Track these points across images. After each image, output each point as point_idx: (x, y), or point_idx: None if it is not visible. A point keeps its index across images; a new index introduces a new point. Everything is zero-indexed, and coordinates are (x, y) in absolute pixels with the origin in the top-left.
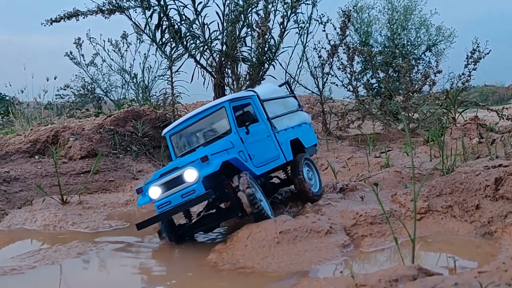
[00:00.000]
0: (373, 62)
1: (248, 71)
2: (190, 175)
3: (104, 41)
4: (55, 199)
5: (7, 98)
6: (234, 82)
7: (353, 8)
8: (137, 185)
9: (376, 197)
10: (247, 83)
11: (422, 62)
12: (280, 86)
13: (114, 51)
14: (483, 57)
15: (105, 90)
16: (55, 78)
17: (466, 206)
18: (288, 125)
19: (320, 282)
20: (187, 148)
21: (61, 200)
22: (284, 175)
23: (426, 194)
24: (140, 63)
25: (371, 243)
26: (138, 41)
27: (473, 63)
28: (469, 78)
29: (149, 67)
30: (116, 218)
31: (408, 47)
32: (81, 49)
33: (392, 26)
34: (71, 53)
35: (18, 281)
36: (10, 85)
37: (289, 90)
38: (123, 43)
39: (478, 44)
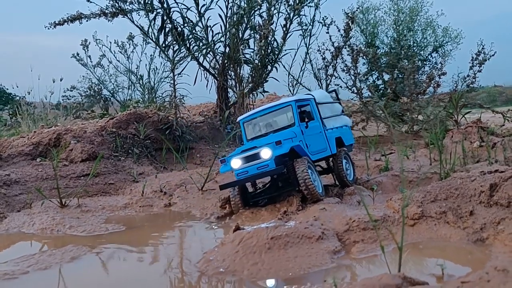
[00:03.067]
0: (378, 63)
1: (251, 73)
2: (266, 153)
3: (110, 42)
4: (54, 202)
5: (16, 97)
6: (237, 84)
7: (358, 9)
8: (137, 187)
9: (363, 204)
10: (250, 85)
11: (428, 64)
12: (329, 92)
13: (120, 52)
14: (488, 59)
15: (111, 91)
16: (61, 80)
17: (460, 212)
18: (333, 125)
19: None
20: (257, 133)
21: (60, 203)
22: (326, 165)
23: (421, 199)
24: (146, 65)
25: (362, 249)
26: (144, 42)
27: (478, 65)
28: (474, 80)
29: (155, 68)
30: (114, 222)
31: (414, 48)
32: (87, 50)
33: (398, 27)
34: (77, 54)
35: (10, 286)
36: (17, 86)
37: (336, 97)
38: (129, 44)
39: (483, 46)
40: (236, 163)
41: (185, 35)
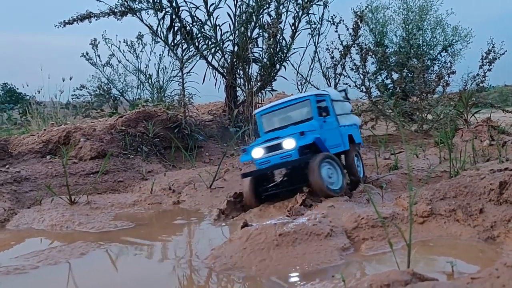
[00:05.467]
0: (387, 62)
1: (260, 72)
2: (289, 143)
3: (119, 42)
4: (63, 199)
5: (26, 97)
6: (246, 83)
7: (367, 8)
8: (145, 185)
9: (371, 201)
10: (259, 84)
11: (438, 63)
12: (339, 91)
13: (130, 51)
14: (498, 57)
15: (121, 91)
16: (70, 79)
17: (470, 210)
18: (345, 123)
19: (314, 285)
20: (273, 127)
21: (69, 200)
22: None
23: (430, 197)
24: (155, 64)
25: (371, 247)
26: (153, 41)
27: (488, 64)
28: (483, 79)
29: (164, 68)
30: (123, 219)
31: (424, 47)
32: (97, 49)
33: (407, 26)
34: (87, 53)
35: (21, 281)
36: (27, 85)
37: (346, 96)
38: (138, 43)
39: (493, 44)
40: (257, 152)
41: (194, 34)
